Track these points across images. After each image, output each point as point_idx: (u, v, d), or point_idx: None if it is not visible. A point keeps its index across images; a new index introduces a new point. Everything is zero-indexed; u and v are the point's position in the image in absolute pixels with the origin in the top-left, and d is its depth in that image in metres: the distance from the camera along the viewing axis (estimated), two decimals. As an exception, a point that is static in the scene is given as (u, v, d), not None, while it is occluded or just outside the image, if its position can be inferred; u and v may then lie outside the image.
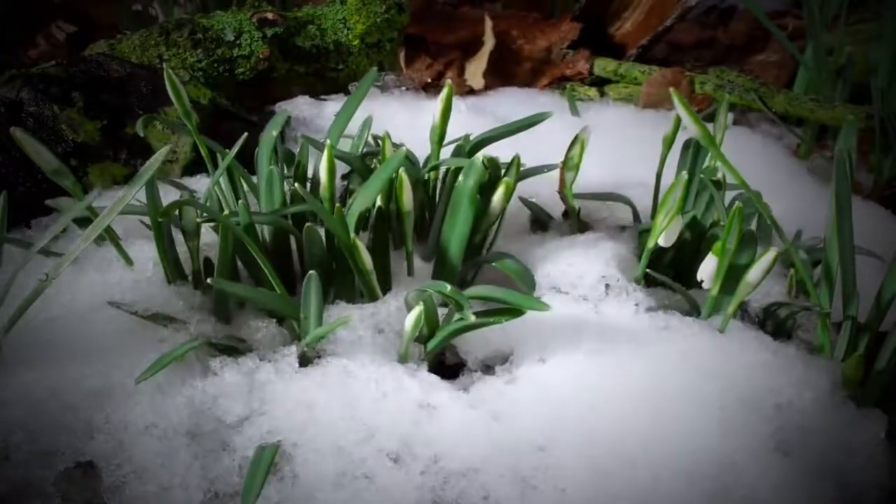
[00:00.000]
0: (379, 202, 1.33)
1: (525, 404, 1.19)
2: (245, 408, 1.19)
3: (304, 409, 1.18)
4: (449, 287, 1.16)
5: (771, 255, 1.18)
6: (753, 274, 1.20)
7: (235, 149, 1.33)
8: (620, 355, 1.23)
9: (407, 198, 1.31)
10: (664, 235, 1.28)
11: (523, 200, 1.53)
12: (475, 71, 2.36)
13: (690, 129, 1.12)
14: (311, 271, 1.20)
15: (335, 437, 1.15)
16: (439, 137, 1.42)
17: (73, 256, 1.17)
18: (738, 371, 1.20)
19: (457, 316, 1.19)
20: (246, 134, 1.36)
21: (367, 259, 1.24)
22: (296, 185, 1.31)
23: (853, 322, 1.22)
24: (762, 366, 1.22)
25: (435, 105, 1.40)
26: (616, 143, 1.90)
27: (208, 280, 1.20)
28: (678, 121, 1.48)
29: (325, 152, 1.29)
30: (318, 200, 1.30)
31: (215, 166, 1.38)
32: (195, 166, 1.68)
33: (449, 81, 1.39)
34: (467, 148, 1.46)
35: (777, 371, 1.21)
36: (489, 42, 2.43)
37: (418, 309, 1.16)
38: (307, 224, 1.27)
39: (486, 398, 1.21)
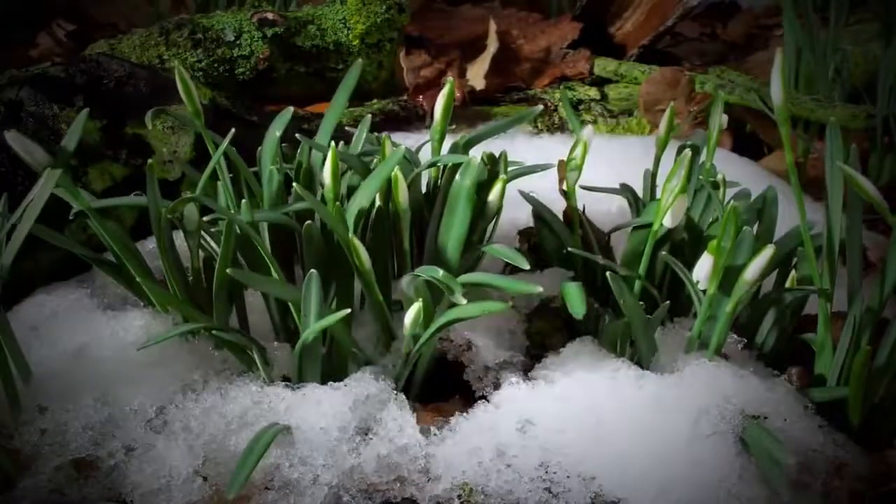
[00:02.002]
0: (378, 202, 1.33)
1: (519, 419, 1.21)
2: (243, 414, 1.20)
3: (300, 418, 1.20)
4: (441, 272, 1.17)
5: (768, 251, 1.16)
6: (751, 271, 1.18)
7: (225, 143, 1.32)
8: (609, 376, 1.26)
9: (402, 196, 1.30)
10: (669, 214, 1.25)
11: (523, 194, 1.52)
12: (477, 72, 2.36)
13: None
14: (311, 270, 1.20)
15: (331, 445, 1.17)
16: (440, 135, 1.42)
17: (22, 224, 1.18)
18: (718, 393, 1.22)
19: (446, 312, 1.20)
20: (233, 130, 1.35)
21: (365, 258, 1.24)
22: (296, 185, 1.30)
23: (857, 315, 1.21)
24: (739, 389, 1.23)
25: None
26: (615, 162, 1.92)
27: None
28: (671, 120, 1.48)
29: (329, 154, 1.28)
30: (317, 199, 1.30)
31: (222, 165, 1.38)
32: (196, 166, 1.67)
33: (450, 78, 1.39)
34: (461, 144, 1.46)
35: (753, 394, 1.23)
36: (493, 45, 2.43)
37: (417, 305, 1.16)
38: (307, 222, 1.27)
39: (482, 410, 1.23)
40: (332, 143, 1.32)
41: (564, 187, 1.44)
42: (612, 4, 2.61)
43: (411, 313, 1.16)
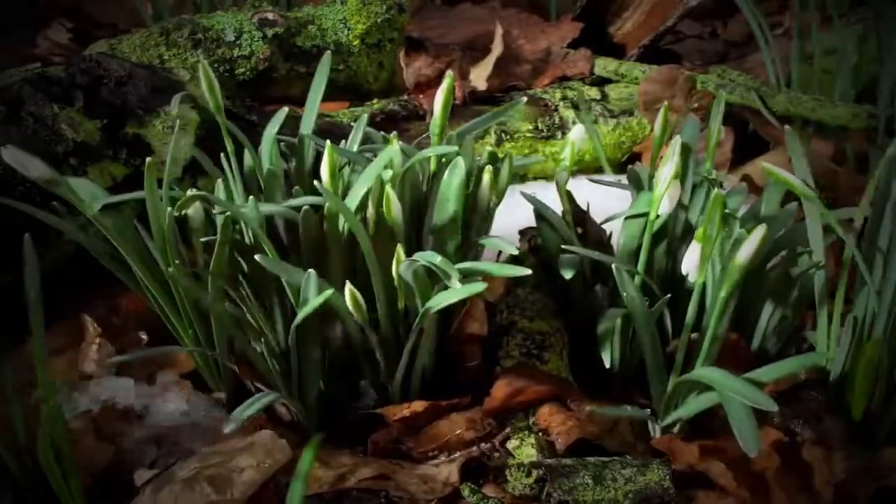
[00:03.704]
0: (374, 210, 1.33)
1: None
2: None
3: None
4: (439, 258, 1.18)
5: (760, 230, 1.12)
6: (743, 253, 1.14)
7: (177, 133, 1.37)
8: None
9: (395, 211, 1.29)
10: (666, 199, 1.24)
11: (524, 195, 1.52)
12: (479, 73, 2.36)
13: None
14: (310, 270, 1.20)
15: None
16: (440, 130, 1.41)
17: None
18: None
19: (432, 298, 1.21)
20: (197, 116, 1.36)
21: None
22: (318, 183, 1.30)
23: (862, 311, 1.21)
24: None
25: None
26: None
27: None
28: (666, 120, 1.48)
29: (326, 153, 1.28)
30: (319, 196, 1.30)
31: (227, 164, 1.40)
32: (197, 165, 1.67)
33: (450, 72, 1.38)
34: (454, 136, 1.45)
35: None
36: (497, 48, 2.43)
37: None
38: (304, 208, 1.27)
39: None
40: (329, 143, 1.31)
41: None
42: (612, 4, 2.61)
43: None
